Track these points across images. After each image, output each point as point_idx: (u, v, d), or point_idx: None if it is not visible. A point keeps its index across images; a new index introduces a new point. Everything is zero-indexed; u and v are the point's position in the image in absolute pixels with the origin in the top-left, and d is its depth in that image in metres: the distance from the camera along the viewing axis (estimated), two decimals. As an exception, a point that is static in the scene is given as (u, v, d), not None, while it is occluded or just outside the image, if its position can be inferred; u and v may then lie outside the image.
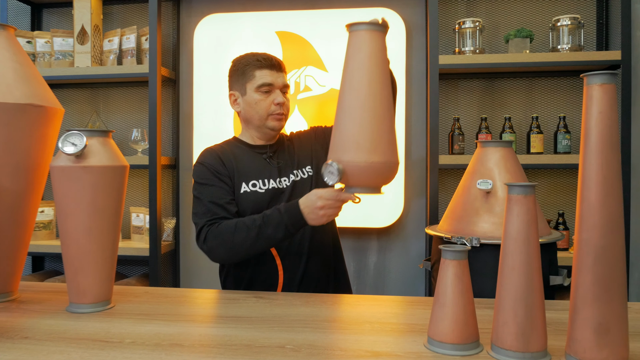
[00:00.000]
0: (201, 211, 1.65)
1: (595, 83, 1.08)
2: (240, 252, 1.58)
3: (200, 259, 2.93)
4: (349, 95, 1.37)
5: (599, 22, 2.65)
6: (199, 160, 1.75)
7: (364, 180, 1.37)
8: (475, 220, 1.70)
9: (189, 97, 2.91)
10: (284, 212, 1.55)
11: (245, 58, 1.77)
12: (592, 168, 1.08)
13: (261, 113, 1.72)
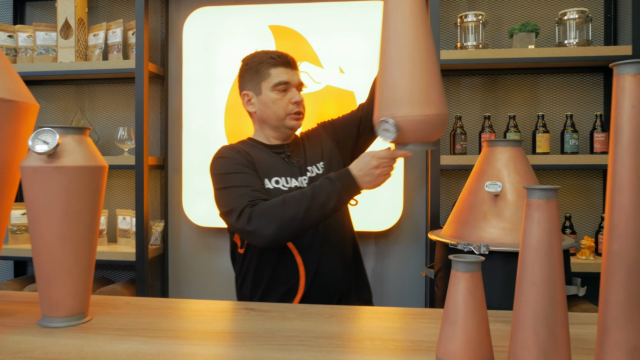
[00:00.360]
0: (236, 195, 1.54)
1: (628, 73, 0.96)
2: (291, 227, 1.48)
3: (190, 264, 2.80)
4: (396, 48, 1.34)
5: (606, 15, 2.54)
6: (217, 155, 1.67)
7: (419, 134, 1.36)
8: (483, 226, 1.58)
9: (177, 94, 2.78)
10: (335, 179, 1.49)
11: (257, 56, 1.72)
12: (625, 169, 0.97)
13: (279, 113, 1.68)
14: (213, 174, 1.64)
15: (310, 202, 1.47)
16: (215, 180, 1.63)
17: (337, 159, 1.80)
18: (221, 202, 1.59)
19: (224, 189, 1.58)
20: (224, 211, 1.56)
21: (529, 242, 1.04)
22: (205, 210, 2.68)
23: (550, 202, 1.03)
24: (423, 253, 2.65)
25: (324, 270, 1.67)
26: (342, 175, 1.50)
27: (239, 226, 1.51)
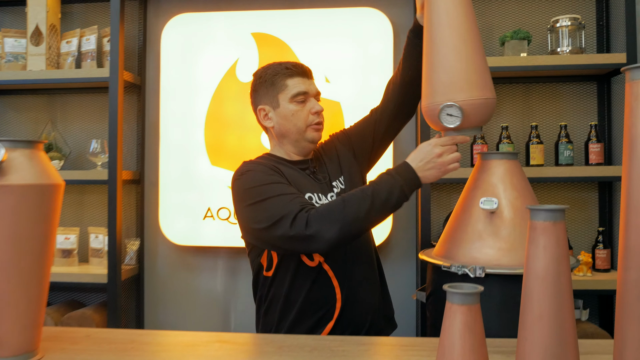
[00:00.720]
0: (282, 203, 1.42)
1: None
2: (354, 228, 1.40)
3: (167, 285, 2.65)
4: (450, 32, 1.36)
5: (598, 23, 2.46)
6: (244, 170, 1.54)
7: (476, 118, 1.38)
8: (478, 246, 1.46)
9: (155, 104, 2.64)
10: (394, 173, 1.43)
11: (271, 68, 1.63)
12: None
13: (299, 125, 1.59)
14: (244, 189, 1.50)
15: (373, 200, 1.39)
16: (248, 195, 1.48)
17: (356, 169, 1.73)
18: (262, 215, 1.44)
19: (262, 202, 1.45)
20: (269, 224, 1.41)
21: (534, 270, 0.91)
22: (184, 227, 2.54)
23: (557, 225, 0.91)
24: (414, 272, 2.53)
25: (357, 291, 1.59)
26: (401, 169, 1.44)
27: (294, 232, 1.38)
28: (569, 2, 2.48)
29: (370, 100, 2.43)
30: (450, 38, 1.37)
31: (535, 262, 0.91)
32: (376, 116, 1.73)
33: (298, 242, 1.39)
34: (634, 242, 0.85)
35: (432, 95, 1.40)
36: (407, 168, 1.43)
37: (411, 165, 1.43)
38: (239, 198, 1.52)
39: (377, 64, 2.46)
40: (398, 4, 2.55)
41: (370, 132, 1.73)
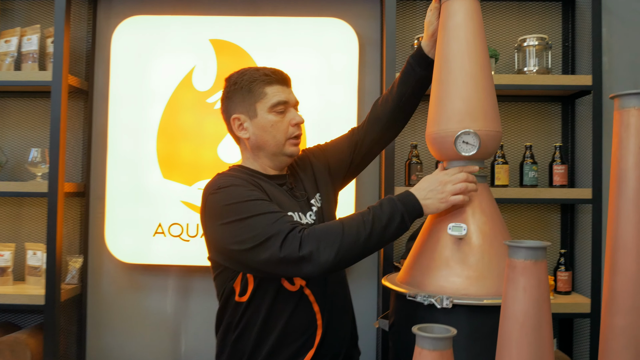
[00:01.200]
0: (269, 222, 1.30)
1: (634, 106, 0.78)
2: (352, 253, 1.30)
3: (113, 305, 2.47)
4: (469, 62, 1.35)
5: (564, 44, 2.44)
6: (222, 184, 1.40)
7: (487, 150, 1.37)
8: (445, 274, 1.37)
9: (103, 112, 2.47)
10: (396, 200, 1.34)
11: (247, 74, 1.50)
12: (630, 226, 0.77)
13: (278, 137, 1.48)
14: (222, 205, 1.36)
15: (373, 226, 1.30)
16: (227, 212, 1.34)
17: (330, 187, 1.65)
18: (245, 235, 1.31)
19: (245, 220, 1.31)
20: (254, 244, 1.29)
21: (513, 314, 0.82)
22: (132, 244, 2.37)
23: (539, 264, 0.83)
24: (375, 293, 2.43)
25: (336, 317, 1.52)
26: (403, 196, 1.36)
27: (285, 254, 1.26)
28: (536, 22, 2.46)
29: (335, 114, 2.35)
30: (469, 66, 1.35)
31: (514, 304, 0.82)
32: (357, 137, 1.65)
33: (288, 264, 1.28)
34: (621, 286, 0.77)
35: (446, 122, 1.36)
36: (409, 196, 1.35)
37: (414, 194, 1.36)
38: (215, 215, 1.37)
39: (342, 77, 2.37)
40: (364, 16, 2.48)
41: (349, 152, 1.65)
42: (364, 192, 2.44)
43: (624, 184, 0.77)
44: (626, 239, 0.77)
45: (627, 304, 0.76)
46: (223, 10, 2.49)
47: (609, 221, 0.80)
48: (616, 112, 0.79)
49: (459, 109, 1.35)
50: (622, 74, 2.42)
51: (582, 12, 2.40)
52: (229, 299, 1.47)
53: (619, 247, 0.77)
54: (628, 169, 0.77)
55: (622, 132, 0.78)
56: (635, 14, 2.42)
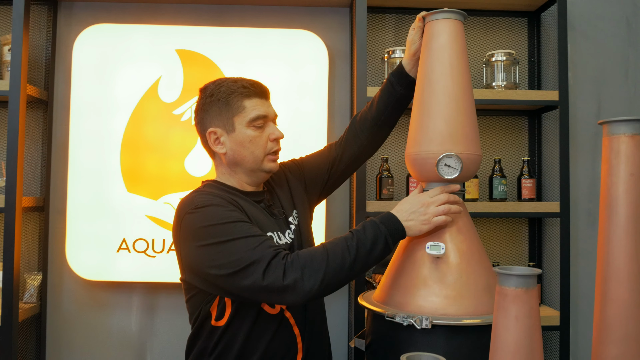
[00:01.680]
0: (250, 247, 1.24)
1: (624, 133, 0.78)
2: (336, 280, 1.26)
3: (74, 324, 2.36)
4: (452, 84, 1.35)
5: (530, 59, 2.48)
6: (200, 204, 1.32)
7: (468, 174, 1.37)
8: (424, 293, 1.36)
9: (64, 123, 2.37)
10: (379, 223, 1.31)
11: (225, 85, 1.42)
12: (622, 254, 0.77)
13: (257, 153, 1.42)
14: (200, 227, 1.29)
15: (357, 251, 1.27)
16: (205, 233, 1.28)
17: (306, 204, 1.61)
18: (225, 259, 1.24)
19: (225, 243, 1.25)
20: (235, 270, 1.23)
21: (505, 344, 0.81)
22: (95, 260, 2.28)
23: (530, 292, 0.81)
24: (346, 309, 2.40)
25: (315, 340, 1.49)
26: (385, 218, 1.33)
27: (268, 282, 1.21)
28: (502, 37, 2.49)
29: (305, 125, 2.32)
30: (452, 88, 1.35)
31: (505, 333, 0.80)
32: (335, 153, 1.63)
33: (271, 292, 1.23)
34: (613, 315, 0.76)
35: (427, 144, 1.35)
36: (391, 218, 1.33)
37: (396, 216, 1.33)
38: (191, 236, 1.30)
39: (312, 88, 2.34)
40: (333, 28, 2.46)
41: (327, 168, 1.63)
42: (335, 206, 2.42)
43: (614, 211, 0.77)
44: (618, 266, 0.76)
45: (620, 333, 0.75)
46: (190, 20, 2.43)
47: (599, 249, 0.79)
48: (605, 138, 0.79)
49: (441, 131, 1.35)
50: (585, 89, 2.47)
51: (546, 28, 2.45)
52: (204, 323, 1.40)
53: (611, 275, 0.77)
54: (619, 196, 0.77)
55: (612, 158, 0.78)
56: (597, 30, 2.49)
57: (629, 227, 0.76)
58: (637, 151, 0.77)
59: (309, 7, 2.45)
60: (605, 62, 2.49)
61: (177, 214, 1.37)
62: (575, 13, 2.48)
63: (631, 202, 0.77)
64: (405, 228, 1.32)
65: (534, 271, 0.81)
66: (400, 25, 2.47)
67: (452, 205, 1.35)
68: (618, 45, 2.50)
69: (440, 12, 1.40)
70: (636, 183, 0.76)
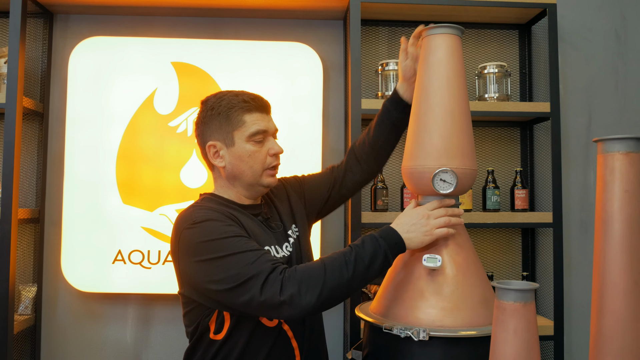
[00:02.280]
0: (248, 262, 1.24)
1: (618, 151, 0.80)
2: (334, 295, 1.25)
3: (69, 336, 2.36)
4: (449, 100, 1.37)
5: (521, 71, 2.52)
6: (198, 219, 1.32)
7: (463, 188, 1.39)
8: (420, 305, 1.37)
9: (59, 135, 2.38)
10: (378, 237, 1.31)
11: (226, 99, 1.43)
12: (617, 269, 0.79)
13: (256, 168, 1.43)
14: (198, 242, 1.29)
15: (356, 266, 1.26)
16: (204, 249, 1.28)
17: (305, 220, 1.62)
18: (223, 274, 1.25)
19: (223, 258, 1.25)
20: (233, 285, 1.23)
21: (503, 357, 0.82)
22: (90, 272, 2.27)
23: (528, 306, 0.83)
24: (341, 319, 2.41)
25: (314, 352, 1.50)
26: (385, 232, 1.32)
27: (266, 297, 1.21)
28: (494, 49, 2.53)
29: (300, 138, 2.34)
30: (449, 103, 1.37)
31: (504, 347, 0.82)
32: (337, 175, 1.66)
33: (269, 308, 1.23)
34: (609, 327, 0.78)
35: (424, 158, 1.38)
36: (390, 231, 1.33)
37: (395, 229, 1.33)
38: (189, 251, 1.31)
39: (307, 101, 2.36)
40: (327, 41, 2.49)
41: (328, 189, 1.65)
42: (330, 217, 2.39)
43: (609, 227, 0.79)
44: (613, 281, 0.78)
45: (616, 346, 0.77)
46: (185, 32, 2.45)
47: (595, 263, 0.82)
48: (600, 156, 0.81)
49: (437, 145, 1.37)
50: (575, 100, 2.51)
51: (537, 40, 2.49)
52: (203, 336, 1.40)
53: (607, 289, 0.79)
54: (614, 212, 0.79)
55: (606, 176, 0.80)
56: (586, 43, 2.53)
57: (624, 242, 0.79)
58: (632, 168, 0.79)
59: (303, 20, 2.48)
60: (596, 73, 2.53)
61: (175, 229, 1.37)
62: (565, 25, 2.52)
63: (626, 218, 0.79)
64: (405, 240, 1.32)
65: (531, 285, 0.83)
66: (394, 38, 2.51)
67: (452, 217, 1.37)
68: (607, 57, 2.54)
69: (438, 27, 1.42)
70: (630, 199, 0.79)
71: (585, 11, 2.54)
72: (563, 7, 2.49)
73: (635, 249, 0.78)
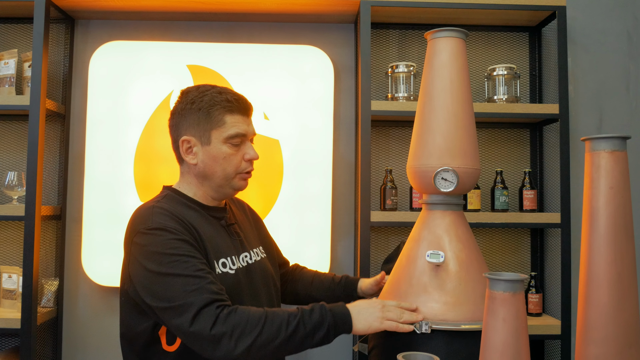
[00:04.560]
0: (188, 288, 1.20)
1: (604, 149, 0.84)
2: (263, 351, 1.20)
3: (89, 328, 2.45)
4: (452, 101, 1.41)
5: (531, 73, 2.54)
6: (153, 225, 1.28)
7: (465, 187, 1.43)
8: (424, 300, 1.42)
9: (80, 135, 2.47)
10: (328, 310, 1.27)
11: (208, 95, 1.38)
12: (602, 261, 0.83)
13: (228, 171, 1.38)
14: (148, 251, 1.26)
15: (296, 329, 1.23)
16: (152, 259, 1.24)
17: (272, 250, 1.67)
18: (160, 292, 1.22)
19: (165, 277, 1.22)
20: (165, 306, 1.21)
21: (493, 344, 0.87)
22: (109, 267, 2.36)
23: (517, 296, 0.88)
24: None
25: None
26: (338, 309, 1.30)
27: (194, 329, 1.17)
28: (504, 51, 2.55)
29: (311, 139, 2.39)
30: (452, 105, 1.42)
31: (494, 334, 0.86)
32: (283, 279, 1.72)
33: (196, 340, 1.19)
34: (593, 317, 0.82)
35: (426, 157, 1.42)
36: (343, 309, 1.30)
37: (349, 310, 1.30)
38: (140, 255, 1.27)
39: (318, 103, 2.42)
40: (339, 44, 2.54)
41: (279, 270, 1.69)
42: (341, 216, 2.49)
43: (595, 221, 0.83)
44: (598, 272, 0.82)
45: (600, 334, 0.81)
46: (200, 36, 2.52)
47: (582, 256, 0.86)
48: (587, 154, 0.85)
49: (439, 145, 1.41)
50: (586, 102, 2.53)
51: (547, 42, 2.51)
52: (152, 347, 1.34)
53: (592, 280, 0.83)
54: (599, 207, 0.83)
55: (593, 173, 0.85)
56: (598, 45, 2.55)
57: (608, 236, 0.83)
58: (616, 166, 0.83)
59: (315, 24, 2.54)
60: (607, 75, 2.54)
61: (131, 226, 1.34)
62: (576, 27, 2.54)
63: (610, 214, 0.83)
64: (353, 320, 1.29)
65: (520, 276, 0.88)
66: (404, 41, 2.55)
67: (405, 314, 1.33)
68: (619, 58, 2.55)
69: (442, 31, 1.47)
70: (615, 196, 0.83)
71: (596, 13, 2.55)
72: (574, 9, 2.51)
73: (619, 243, 0.82)
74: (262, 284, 1.48)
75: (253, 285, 1.44)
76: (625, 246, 0.78)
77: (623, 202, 0.80)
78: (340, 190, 2.49)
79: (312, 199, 2.39)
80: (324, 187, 2.39)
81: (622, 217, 0.80)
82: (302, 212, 2.37)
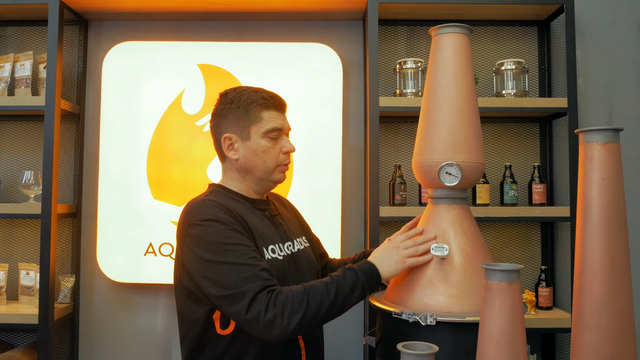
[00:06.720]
0: (242, 275, 1.29)
1: (597, 141, 0.86)
2: (313, 320, 1.31)
3: (104, 324, 2.50)
4: (456, 96, 1.43)
5: (540, 67, 2.54)
6: (206, 216, 1.37)
7: (470, 181, 1.45)
8: (429, 292, 1.44)
9: (94, 135, 2.52)
10: (358, 271, 1.38)
11: (245, 94, 1.48)
12: (596, 251, 0.85)
13: (269, 164, 1.48)
14: (203, 241, 1.34)
15: (336, 296, 1.33)
16: (207, 248, 1.33)
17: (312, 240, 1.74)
18: (217, 280, 1.30)
19: (219, 265, 1.30)
20: (223, 294, 1.29)
21: (489, 332, 0.89)
22: (123, 264, 2.41)
23: (513, 286, 0.90)
24: (362, 311, 2.49)
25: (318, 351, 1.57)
26: (364, 266, 1.40)
27: (251, 316, 1.26)
28: (513, 45, 2.56)
29: (320, 136, 2.42)
30: (456, 100, 1.44)
31: (490, 323, 0.88)
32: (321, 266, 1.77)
33: (252, 325, 1.28)
34: (588, 305, 0.84)
35: (431, 152, 1.45)
36: (369, 266, 1.41)
37: (373, 263, 1.41)
38: (195, 245, 1.36)
39: (327, 100, 2.45)
40: (347, 41, 2.56)
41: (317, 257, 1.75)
42: (351, 211, 2.51)
43: (589, 212, 0.85)
44: (592, 262, 0.84)
45: (594, 323, 0.83)
46: (211, 36, 2.56)
47: (577, 246, 0.87)
48: (581, 146, 0.87)
49: (444, 140, 1.44)
50: (596, 95, 2.52)
51: (556, 36, 2.51)
52: (206, 332, 1.42)
53: (586, 269, 0.85)
54: (592, 198, 0.85)
55: (586, 164, 0.86)
56: (607, 37, 2.54)
57: (601, 226, 0.84)
58: (609, 157, 0.85)
59: (324, 22, 2.56)
60: (617, 68, 2.53)
61: (184, 219, 1.41)
62: (585, 20, 2.53)
63: (603, 204, 0.84)
64: (380, 271, 1.40)
65: (516, 267, 0.90)
66: (412, 37, 2.57)
67: (420, 246, 1.43)
68: (629, 51, 2.54)
69: (446, 27, 1.49)
70: (608, 187, 0.84)
71: (605, 6, 2.54)
72: (582, 2, 2.50)
73: (612, 232, 0.83)
74: (307, 271, 1.56)
75: (299, 271, 1.52)
76: (618, 236, 0.80)
77: (616, 193, 0.82)
78: (350, 186, 2.51)
79: (321, 195, 2.42)
80: (333, 183, 2.42)
81: (615, 208, 0.82)
82: (312, 208, 2.40)
